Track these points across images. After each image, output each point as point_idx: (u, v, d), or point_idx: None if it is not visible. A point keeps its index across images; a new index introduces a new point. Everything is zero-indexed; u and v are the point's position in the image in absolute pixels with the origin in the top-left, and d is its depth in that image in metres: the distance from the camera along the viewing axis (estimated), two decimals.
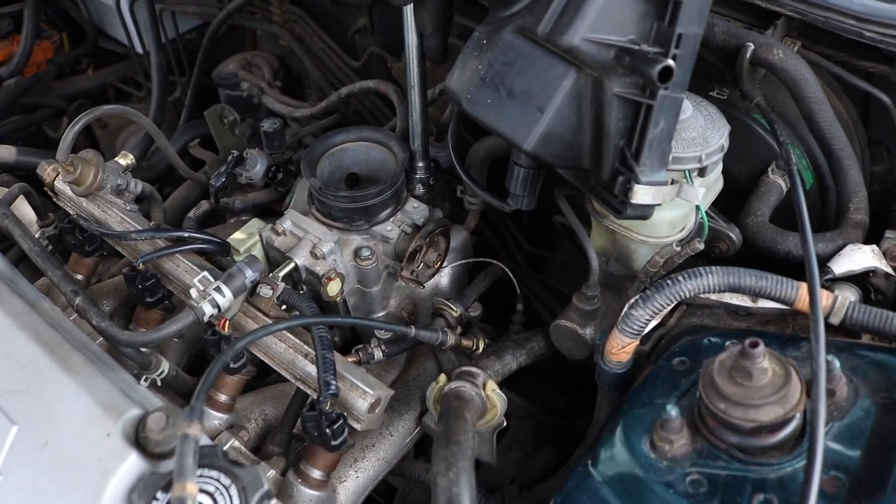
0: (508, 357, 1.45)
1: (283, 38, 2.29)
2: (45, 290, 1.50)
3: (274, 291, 1.34)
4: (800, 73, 1.30)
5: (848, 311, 1.14)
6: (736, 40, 1.32)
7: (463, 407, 1.25)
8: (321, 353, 1.23)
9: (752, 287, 1.16)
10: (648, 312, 1.19)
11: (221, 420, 1.38)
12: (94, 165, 1.52)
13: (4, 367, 1.10)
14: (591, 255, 1.37)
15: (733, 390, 0.99)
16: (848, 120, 1.49)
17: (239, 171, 1.75)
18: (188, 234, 1.46)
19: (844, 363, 1.07)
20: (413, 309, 1.65)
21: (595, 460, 1.10)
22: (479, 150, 1.62)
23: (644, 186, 1.13)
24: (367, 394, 1.25)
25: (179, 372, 1.45)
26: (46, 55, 2.57)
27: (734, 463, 1.01)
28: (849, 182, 1.39)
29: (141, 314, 1.51)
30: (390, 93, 1.83)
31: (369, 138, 1.63)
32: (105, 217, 1.54)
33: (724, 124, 1.28)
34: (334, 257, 1.48)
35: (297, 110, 2.14)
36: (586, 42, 1.07)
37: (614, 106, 1.10)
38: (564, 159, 1.20)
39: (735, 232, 1.40)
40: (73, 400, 1.05)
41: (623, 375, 1.27)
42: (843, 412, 1.04)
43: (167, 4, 2.40)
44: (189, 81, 2.40)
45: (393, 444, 1.43)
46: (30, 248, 1.37)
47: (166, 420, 0.99)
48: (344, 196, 1.50)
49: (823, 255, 1.30)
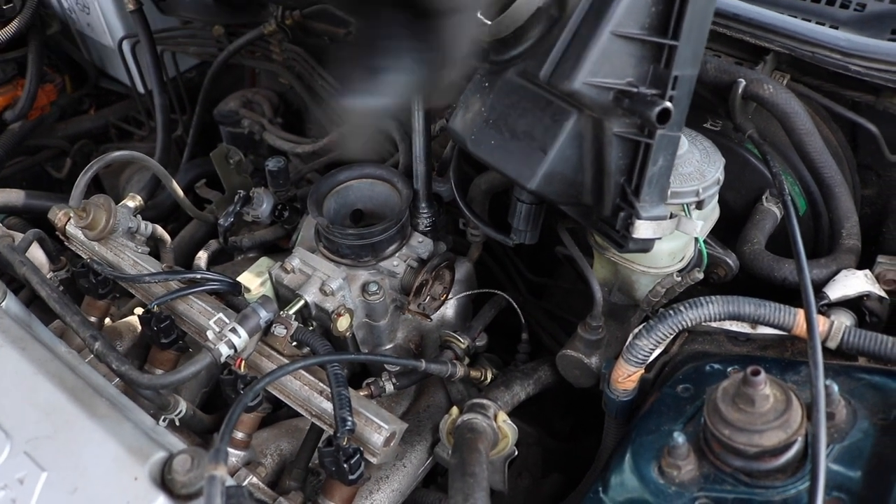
0: (517, 387, 1.48)
1: (282, 76, 2.33)
2: (59, 332, 1.54)
3: (288, 330, 1.38)
4: (790, 107, 1.35)
5: (844, 336, 1.18)
6: (728, 76, 1.37)
7: (476, 439, 1.29)
8: (336, 390, 1.27)
9: (751, 315, 1.20)
10: (652, 342, 1.23)
11: (239, 457, 1.41)
12: (105, 210, 1.55)
13: (31, 414, 1.12)
14: (595, 287, 1.41)
15: (737, 416, 1.03)
16: (837, 146, 1.54)
17: (246, 210, 1.79)
18: (201, 275, 1.49)
19: (842, 386, 1.11)
20: (420, 340, 1.68)
21: (606, 487, 1.14)
22: (481, 185, 1.66)
23: (645, 221, 1.17)
24: (383, 428, 1.28)
25: (196, 411, 1.48)
26: (50, 98, 2.60)
27: (740, 486, 1.04)
28: (840, 208, 1.43)
29: (156, 355, 1.54)
30: (392, 130, 1.87)
31: (373, 175, 1.66)
32: (118, 260, 1.58)
33: (719, 158, 1.33)
34: (343, 293, 1.51)
35: (298, 146, 2.17)
36: (587, 86, 1.11)
37: (614, 145, 1.15)
38: (567, 196, 1.24)
39: (732, 258, 1.44)
40: (99, 445, 1.08)
41: (629, 403, 1.31)
42: (843, 434, 1.08)
43: (168, 45, 2.45)
44: (191, 120, 2.44)
45: (407, 475, 1.46)
46: (48, 295, 1.40)
47: (192, 462, 1.02)
48: (351, 234, 1.53)
49: (819, 281, 1.35)
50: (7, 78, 2.48)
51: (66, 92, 2.70)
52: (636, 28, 1.09)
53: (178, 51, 2.47)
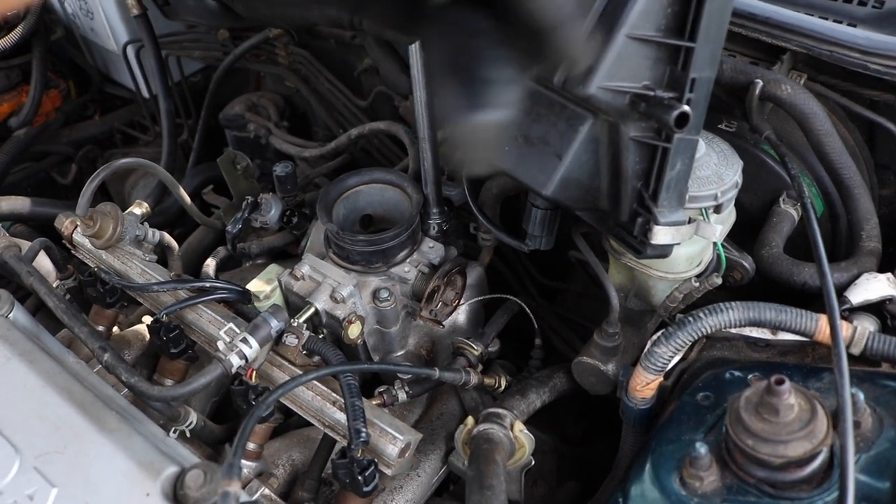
0: (533, 395, 1.46)
1: (288, 79, 2.31)
2: (67, 341, 1.52)
3: (299, 340, 1.36)
4: (808, 107, 1.32)
5: (868, 342, 1.16)
6: (744, 77, 1.35)
7: (493, 449, 1.27)
8: (350, 400, 1.24)
9: (772, 321, 1.18)
10: (671, 349, 1.20)
11: (251, 468, 1.39)
12: (112, 218, 1.54)
13: (40, 429, 1.11)
14: (611, 293, 1.38)
15: (760, 426, 1.00)
16: (854, 146, 1.51)
17: (254, 217, 1.77)
18: (210, 283, 1.47)
19: (867, 393, 1.08)
20: (432, 347, 1.66)
21: (626, 498, 1.11)
22: (492, 188, 1.64)
23: (663, 227, 1.15)
24: (397, 439, 1.26)
25: (207, 422, 1.46)
26: (54, 104, 2.59)
27: (764, 498, 1.02)
28: (860, 210, 1.41)
29: (165, 364, 1.52)
30: (401, 134, 1.85)
31: (383, 180, 1.65)
32: (125, 269, 1.56)
33: (736, 160, 1.31)
34: (354, 300, 1.49)
35: (305, 150, 2.15)
36: (602, 90, 1.08)
37: (631, 150, 1.13)
38: (583, 202, 1.22)
39: (748, 261, 1.42)
40: (110, 460, 1.06)
41: (648, 411, 1.28)
42: (869, 443, 1.05)
43: (172, 50, 2.43)
44: (196, 124, 2.42)
45: (421, 485, 1.44)
46: (55, 305, 1.38)
47: (204, 477, 1.01)
48: (362, 240, 1.51)
49: (839, 285, 1.32)
50: (12, 84, 2.47)
51: (71, 98, 2.69)
52: (652, 30, 1.06)
53: (183, 55, 2.46)
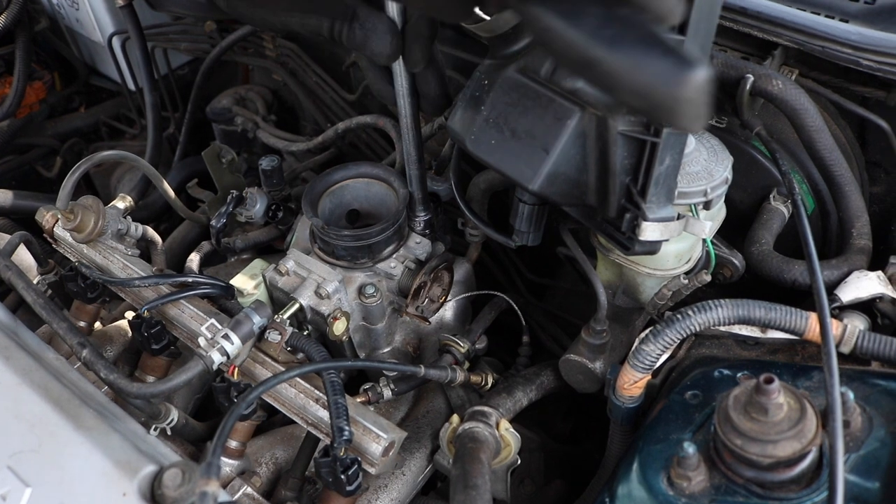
0: (519, 394, 1.44)
1: (276, 72, 2.29)
2: (47, 337, 1.49)
3: (282, 336, 1.34)
4: (800, 103, 1.30)
5: (858, 340, 1.15)
6: (735, 72, 1.33)
7: (478, 448, 1.25)
8: (333, 398, 1.22)
9: (761, 319, 1.16)
10: (660, 347, 1.19)
11: (233, 466, 1.37)
12: (94, 212, 1.51)
13: (15, 427, 1.08)
14: (599, 290, 1.36)
15: (749, 426, 0.99)
16: (846, 143, 1.50)
17: (239, 211, 1.74)
18: (192, 278, 1.44)
19: (857, 393, 1.07)
20: (418, 343, 1.64)
21: (613, 498, 1.10)
22: (480, 184, 1.62)
23: (652, 223, 1.13)
24: (381, 437, 1.24)
25: (189, 419, 1.44)
26: (39, 96, 2.55)
27: (752, 498, 1.01)
28: (850, 207, 1.39)
29: (147, 361, 1.50)
30: (388, 128, 1.83)
31: (369, 174, 1.62)
32: (107, 263, 1.54)
33: (726, 156, 1.29)
34: (339, 296, 1.47)
35: (293, 144, 2.13)
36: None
37: (619, 144, 1.10)
38: (570, 197, 1.20)
39: (738, 258, 1.41)
40: (86, 459, 1.04)
41: (635, 409, 1.27)
42: (859, 443, 1.04)
43: (159, 42, 2.40)
44: (183, 117, 2.39)
45: (406, 484, 1.42)
46: (34, 300, 1.35)
47: (182, 476, 0.99)
48: (347, 235, 1.49)
49: (830, 283, 1.31)
50: None
51: (56, 89, 2.65)
52: None
53: (170, 47, 2.42)
